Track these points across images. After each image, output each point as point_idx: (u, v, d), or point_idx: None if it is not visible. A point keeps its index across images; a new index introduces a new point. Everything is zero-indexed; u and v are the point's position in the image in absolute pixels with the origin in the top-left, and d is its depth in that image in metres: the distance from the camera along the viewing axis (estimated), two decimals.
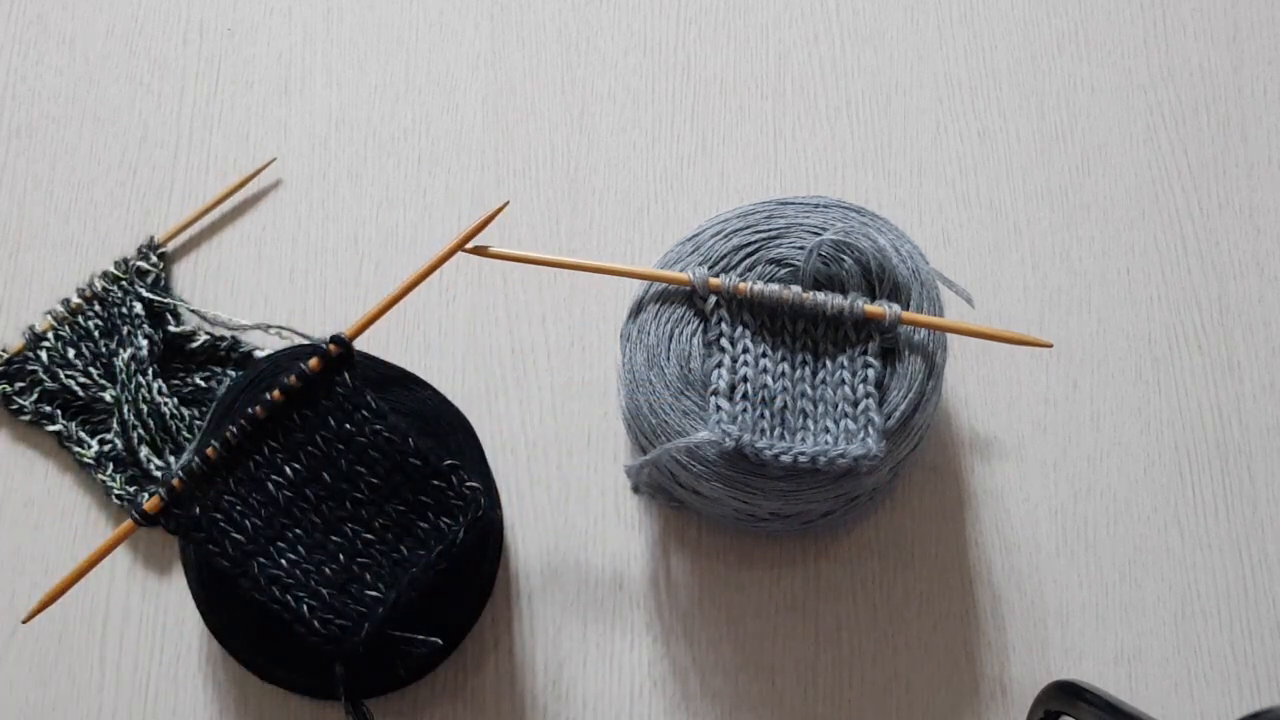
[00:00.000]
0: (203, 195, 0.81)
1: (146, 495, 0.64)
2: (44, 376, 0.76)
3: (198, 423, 0.74)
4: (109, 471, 0.74)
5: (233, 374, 0.76)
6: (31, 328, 0.77)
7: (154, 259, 0.78)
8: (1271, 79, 0.84)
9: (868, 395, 0.66)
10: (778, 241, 0.68)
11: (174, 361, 0.77)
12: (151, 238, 0.79)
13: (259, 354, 0.76)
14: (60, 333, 0.77)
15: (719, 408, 0.65)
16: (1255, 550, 0.74)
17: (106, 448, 0.75)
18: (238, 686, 0.72)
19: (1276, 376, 0.77)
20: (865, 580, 0.73)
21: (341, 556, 0.64)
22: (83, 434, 0.75)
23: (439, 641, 0.64)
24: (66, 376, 0.76)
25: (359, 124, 0.83)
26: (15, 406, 0.76)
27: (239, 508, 0.64)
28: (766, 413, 0.66)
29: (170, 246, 0.80)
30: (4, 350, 0.77)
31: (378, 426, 0.65)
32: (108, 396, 0.75)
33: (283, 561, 0.64)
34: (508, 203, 0.70)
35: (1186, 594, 0.73)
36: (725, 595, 0.73)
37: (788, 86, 0.84)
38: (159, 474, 0.73)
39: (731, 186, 0.81)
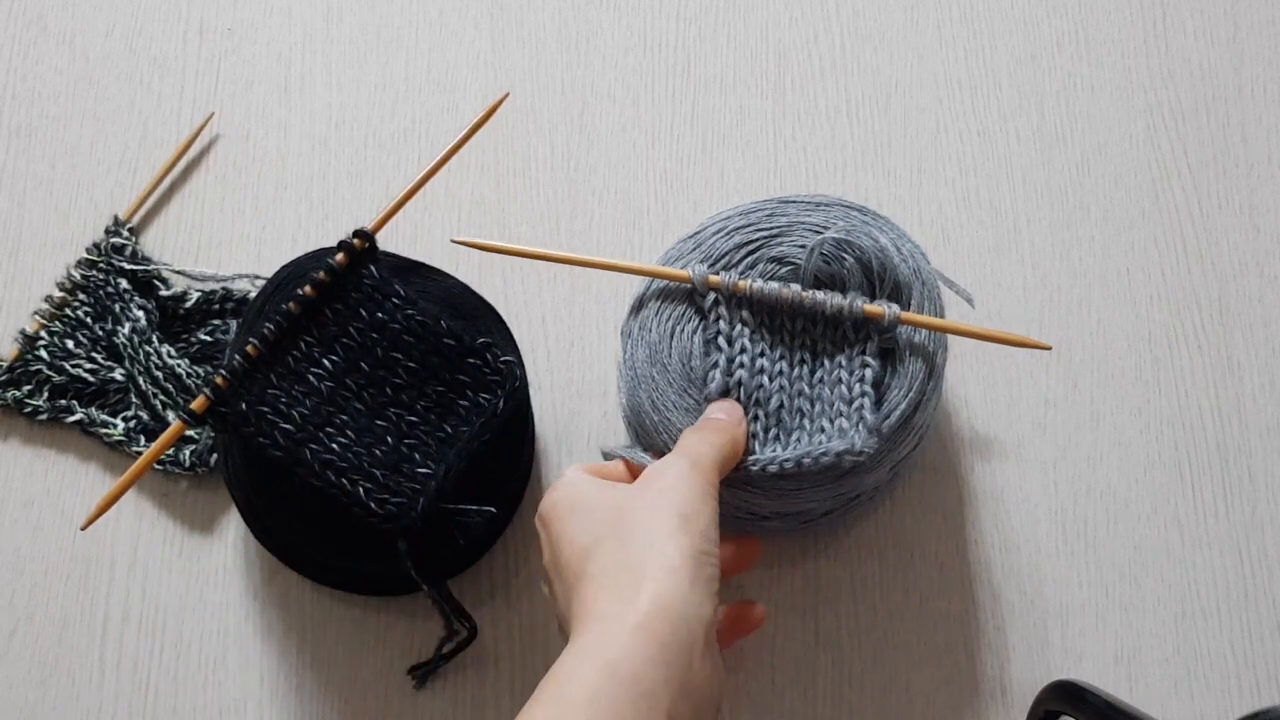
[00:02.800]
0: (203, 195, 0.81)
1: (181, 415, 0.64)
2: (50, 373, 0.76)
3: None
4: (143, 443, 0.74)
5: (234, 323, 0.76)
6: (23, 331, 0.77)
7: (125, 233, 0.78)
8: (1271, 79, 0.84)
9: (864, 394, 0.66)
10: (779, 240, 0.68)
11: (173, 325, 0.77)
12: (115, 216, 0.79)
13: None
14: (52, 329, 0.77)
15: None
16: (1255, 550, 0.74)
17: (132, 423, 0.75)
18: (239, 688, 0.72)
19: (1276, 376, 0.77)
20: (865, 580, 0.73)
21: (389, 439, 0.65)
22: (104, 416, 0.75)
23: (493, 510, 0.65)
24: (73, 367, 0.76)
25: (359, 124, 0.83)
26: (29, 409, 0.76)
27: (283, 400, 0.64)
28: (761, 414, 0.66)
29: (134, 220, 0.80)
30: (0, 361, 0.76)
31: (410, 312, 0.66)
32: (118, 376, 0.75)
33: (334, 446, 0.64)
34: (508, 95, 0.71)
35: (1186, 594, 0.73)
36: (725, 595, 0.73)
37: (788, 86, 0.84)
38: (194, 432, 0.73)
39: (731, 186, 0.81)
